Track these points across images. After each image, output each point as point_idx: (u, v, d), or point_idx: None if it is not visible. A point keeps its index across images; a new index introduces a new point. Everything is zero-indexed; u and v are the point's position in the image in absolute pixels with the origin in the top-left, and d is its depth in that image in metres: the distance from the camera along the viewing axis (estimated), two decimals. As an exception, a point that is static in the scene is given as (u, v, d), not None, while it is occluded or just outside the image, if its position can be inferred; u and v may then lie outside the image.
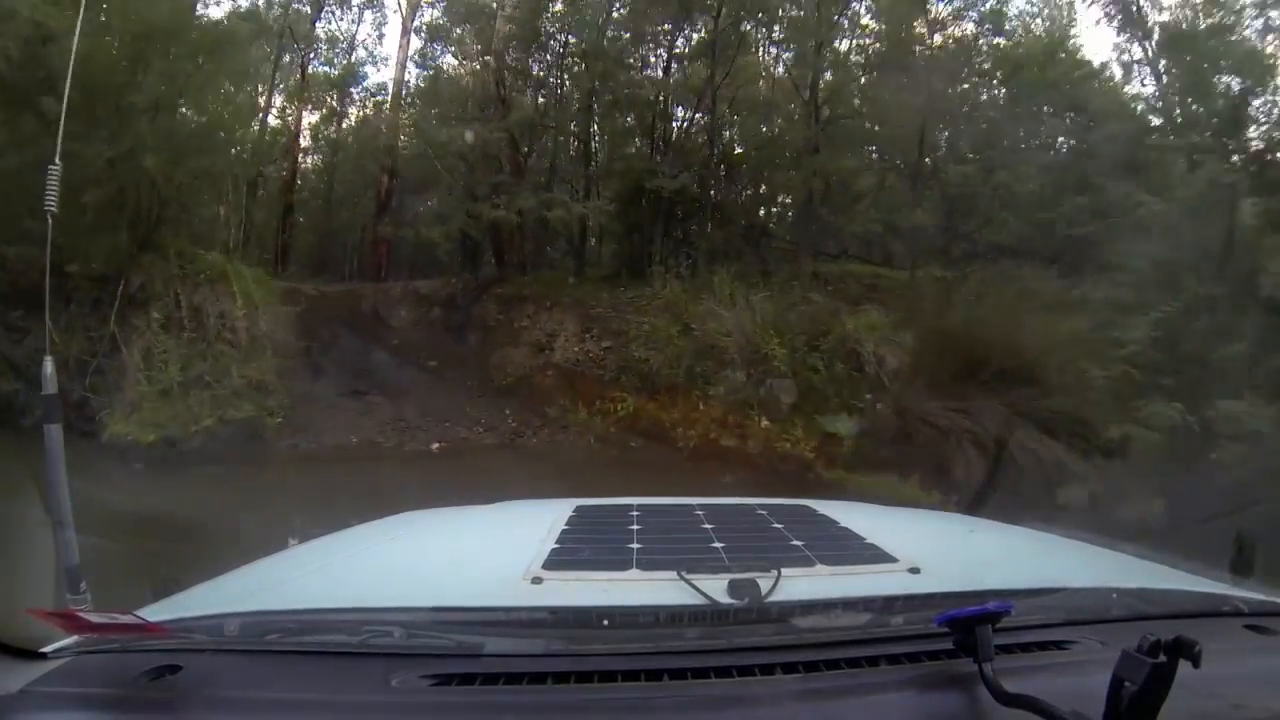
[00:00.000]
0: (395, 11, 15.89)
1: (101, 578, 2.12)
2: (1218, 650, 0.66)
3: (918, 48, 12.56)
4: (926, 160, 11.61)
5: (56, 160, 2.46)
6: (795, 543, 1.15)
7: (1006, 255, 10.03)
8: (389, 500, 3.01)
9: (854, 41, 13.31)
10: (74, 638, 0.81)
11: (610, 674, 0.76)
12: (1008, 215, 10.80)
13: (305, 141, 17.48)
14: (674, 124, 13.02)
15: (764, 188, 14.88)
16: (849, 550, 1.14)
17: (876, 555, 1.10)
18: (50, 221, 2.30)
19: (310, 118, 17.29)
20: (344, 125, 17.50)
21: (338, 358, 9.83)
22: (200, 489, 6.24)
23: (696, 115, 12.69)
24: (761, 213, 14.99)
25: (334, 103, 17.23)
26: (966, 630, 0.75)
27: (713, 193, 12.86)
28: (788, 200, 14.30)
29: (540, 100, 13.55)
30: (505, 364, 10.21)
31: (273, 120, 16.12)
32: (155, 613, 0.89)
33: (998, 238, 10.70)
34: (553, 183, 13.16)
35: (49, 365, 1.84)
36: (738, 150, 13.98)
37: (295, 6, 15.49)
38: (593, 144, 14.36)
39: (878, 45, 13.10)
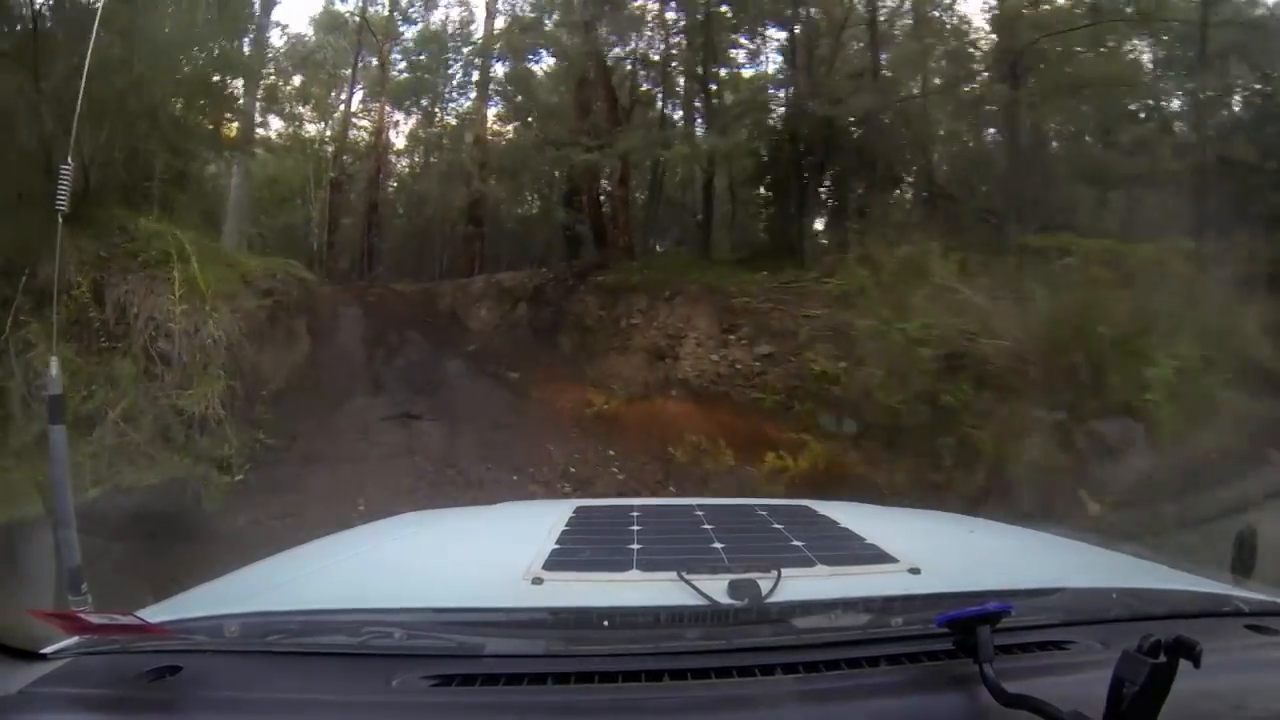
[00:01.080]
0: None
1: None
2: (1218, 650, 0.67)
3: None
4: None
5: (69, 159, 2.45)
6: (795, 543, 1.15)
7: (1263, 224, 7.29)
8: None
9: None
10: (74, 638, 0.82)
11: (610, 674, 0.76)
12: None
13: (395, 141, 17.08)
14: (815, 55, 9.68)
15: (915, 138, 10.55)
16: (849, 550, 1.14)
17: (876, 555, 1.10)
18: (60, 221, 2.30)
19: (396, 116, 16.80)
20: (432, 121, 16.83)
21: (399, 369, 7.93)
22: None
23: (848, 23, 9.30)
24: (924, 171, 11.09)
25: (420, 99, 16.59)
26: (966, 631, 0.74)
27: (878, 140, 9.29)
28: (966, 153, 10.90)
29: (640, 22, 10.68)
30: (609, 377, 7.57)
31: (362, 124, 15.91)
32: (155, 613, 0.89)
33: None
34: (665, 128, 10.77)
35: (54, 365, 1.84)
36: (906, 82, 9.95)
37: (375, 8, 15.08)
38: (711, 75, 10.61)
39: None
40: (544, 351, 8.78)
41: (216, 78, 9.03)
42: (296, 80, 15.14)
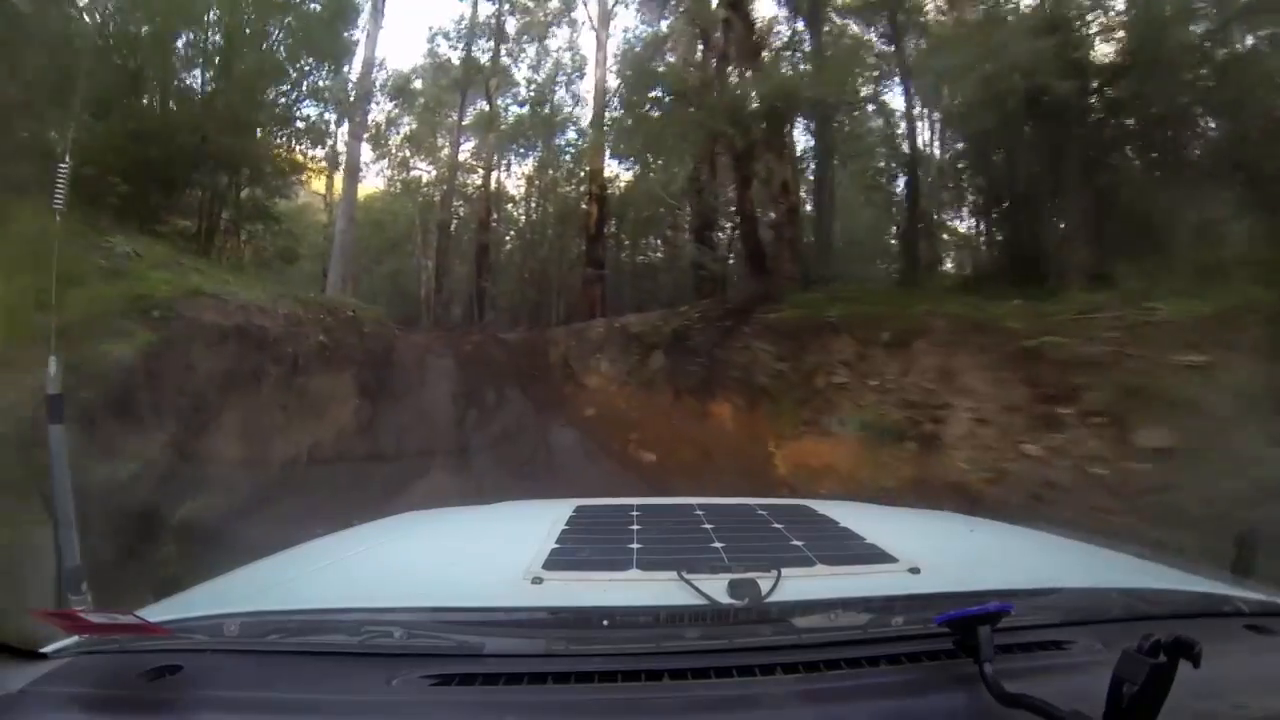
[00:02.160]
0: (589, 28, 14.19)
1: None
2: (1218, 650, 0.66)
3: None
4: None
5: (66, 159, 2.44)
6: (795, 543, 1.15)
7: None
8: None
9: None
10: (74, 638, 0.82)
11: (610, 674, 0.76)
12: None
13: (506, 183, 16.54)
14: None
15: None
16: (849, 550, 1.15)
17: (876, 555, 1.10)
18: (58, 219, 2.30)
19: (507, 158, 16.14)
20: (547, 162, 16.00)
21: (488, 441, 6.03)
22: None
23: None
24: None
25: (533, 137, 15.75)
26: (967, 630, 0.75)
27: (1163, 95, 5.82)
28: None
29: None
30: (809, 472, 4.96)
31: (472, 165, 15.39)
32: (155, 613, 0.89)
33: None
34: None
35: (53, 365, 1.84)
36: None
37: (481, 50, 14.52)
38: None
39: None
40: (692, 422, 6.03)
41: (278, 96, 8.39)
42: (403, 122, 14.76)
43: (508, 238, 17.19)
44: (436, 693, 0.74)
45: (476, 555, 1.28)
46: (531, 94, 15.24)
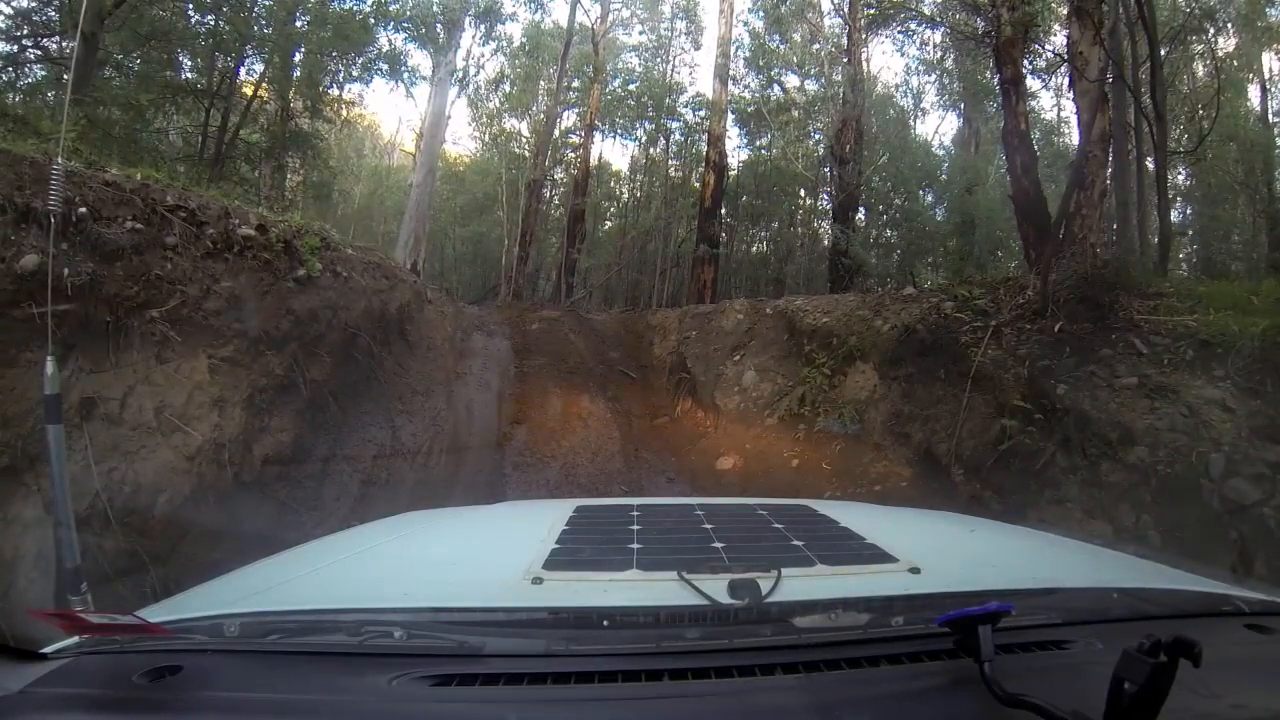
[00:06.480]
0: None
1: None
2: (1218, 650, 0.66)
3: None
4: None
5: (60, 159, 2.44)
6: (795, 543, 1.16)
7: None
8: None
9: None
10: (74, 638, 0.82)
11: (610, 674, 0.76)
12: None
13: (611, 153, 15.78)
14: None
15: None
16: (849, 550, 1.15)
17: (877, 555, 1.10)
18: (53, 221, 2.31)
19: (614, 123, 14.93)
20: (654, 121, 14.71)
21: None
22: None
23: None
24: None
25: (638, 89, 14.44)
26: (967, 630, 0.75)
27: None
28: None
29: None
30: None
31: (570, 127, 14.32)
32: (155, 613, 0.89)
33: None
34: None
35: (50, 364, 1.83)
36: None
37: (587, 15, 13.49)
38: None
39: None
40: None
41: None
42: (497, 67, 13.46)
43: (609, 212, 16.07)
44: (436, 693, 0.74)
45: (476, 555, 1.28)
46: (644, 38, 14.26)
